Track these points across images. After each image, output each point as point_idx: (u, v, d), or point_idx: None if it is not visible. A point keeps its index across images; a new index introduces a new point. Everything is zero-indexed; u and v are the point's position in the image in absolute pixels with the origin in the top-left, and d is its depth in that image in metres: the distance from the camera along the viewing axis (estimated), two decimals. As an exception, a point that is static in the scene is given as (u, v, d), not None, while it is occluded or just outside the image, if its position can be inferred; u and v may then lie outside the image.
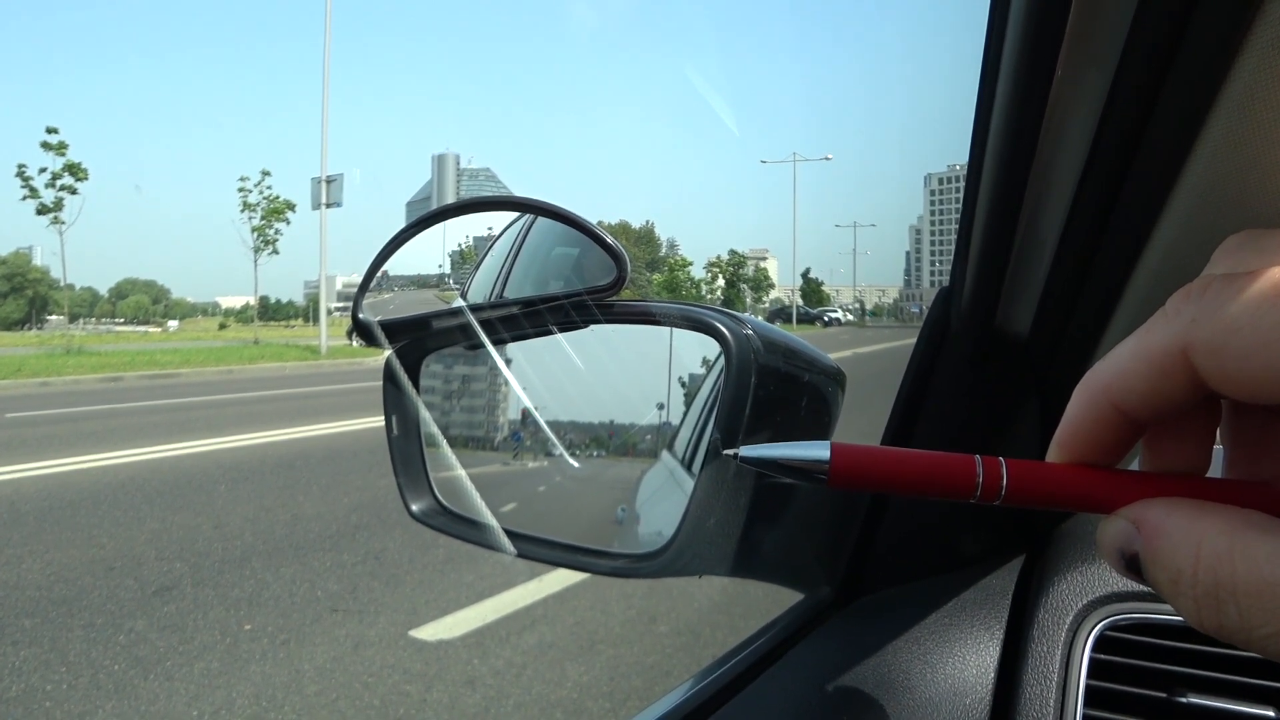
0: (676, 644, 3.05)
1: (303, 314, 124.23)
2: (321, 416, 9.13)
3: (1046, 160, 0.45)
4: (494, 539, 0.66)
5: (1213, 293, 0.23)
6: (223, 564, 3.91)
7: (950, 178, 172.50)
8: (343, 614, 3.29)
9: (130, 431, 8.13)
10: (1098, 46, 0.35)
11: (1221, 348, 0.23)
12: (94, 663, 2.83)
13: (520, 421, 0.73)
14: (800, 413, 0.57)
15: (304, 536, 4.35)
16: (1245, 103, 0.29)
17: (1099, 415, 0.26)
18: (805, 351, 0.59)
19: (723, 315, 0.56)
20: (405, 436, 0.74)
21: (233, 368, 18.31)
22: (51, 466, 6.19)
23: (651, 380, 0.64)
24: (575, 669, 2.84)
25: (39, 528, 4.51)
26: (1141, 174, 0.39)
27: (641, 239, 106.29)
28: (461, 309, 0.70)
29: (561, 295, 0.63)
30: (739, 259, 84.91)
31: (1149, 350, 0.25)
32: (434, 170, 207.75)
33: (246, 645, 3.00)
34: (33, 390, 13.98)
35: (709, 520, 0.53)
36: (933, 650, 0.63)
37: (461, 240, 1.13)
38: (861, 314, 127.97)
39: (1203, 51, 0.30)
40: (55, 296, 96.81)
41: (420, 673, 2.81)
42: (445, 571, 3.80)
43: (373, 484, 5.49)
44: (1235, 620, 0.22)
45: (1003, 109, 0.45)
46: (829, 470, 0.26)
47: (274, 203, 30.72)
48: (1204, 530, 0.23)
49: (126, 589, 3.56)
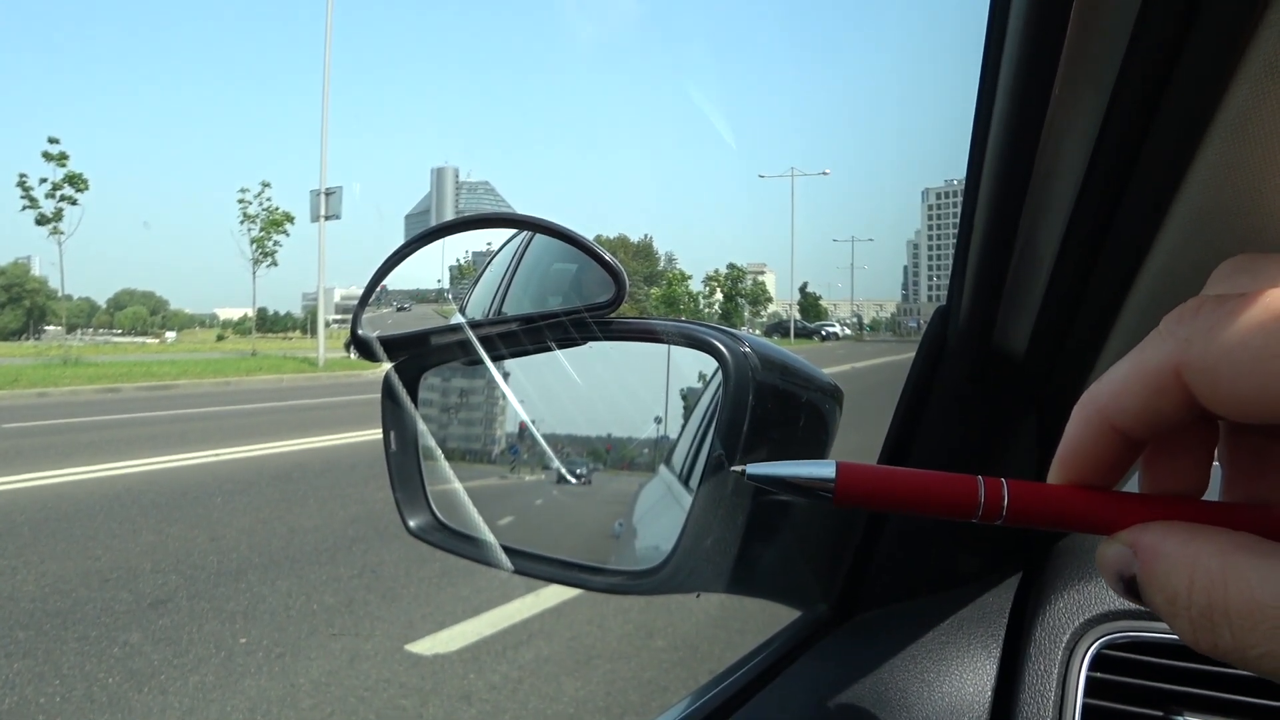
0: (673, 659, 3.04)
1: (301, 326, 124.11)
2: (319, 429, 9.12)
3: (1043, 179, 0.46)
4: (491, 555, 0.66)
5: (1206, 313, 0.24)
6: (218, 576, 3.89)
7: (947, 193, 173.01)
8: (339, 631, 3.28)
9: (127, 443, 8.11)
10: (1094, 66, 0.36)
11: (1214, 368, 0.23)
12: (88, 675, 2.81)
13: (518, 435, 0.73)
14: (798, 430, 0.57)
15: (300, 549, 4.34)
16: (1240, 125, 0.29)
17: (1097, 434, 0.26)
18: (802, 369, 0.59)
19: (721, 333, 0.56)
20: (403, 452, 0.74)
21: (230, 379, 18.30)
22: (48, 477, 6.17)
23: (649, 395, 0.64)
24: (572, 684, 2.83)
25: (34, 539, 4.49)
26: (1138, 194, 0.39)
27: (640, 253, 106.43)
28: (461, 325, 0.70)
29: (561, 312, 0.63)
30: (737, 273, 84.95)
31: (1144, 370, 0.25)
32: (433, 183, 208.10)
33: (242, 659, 2.98)
34: (30, 401, 13.97)
35: (706, 538, 0.53)
36: (930, 669, 0.62)
37: (461, 255, 1.14)
38: (859, 328, 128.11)
39: (1198, 74, 0.31)
40: (53, 307, 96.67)
41: (416, 687, 2.80)
42: (442, 585, 3.78)
43: (370, 497, 5.47)
44: (1229, 641, 0.22)
45: (999, 128, 0.45)
46: (834, 489, 0.26)
47: (273, 214, 30.76)
48: (1198, 553, 0.23)
49: (121, 601, 3.55)
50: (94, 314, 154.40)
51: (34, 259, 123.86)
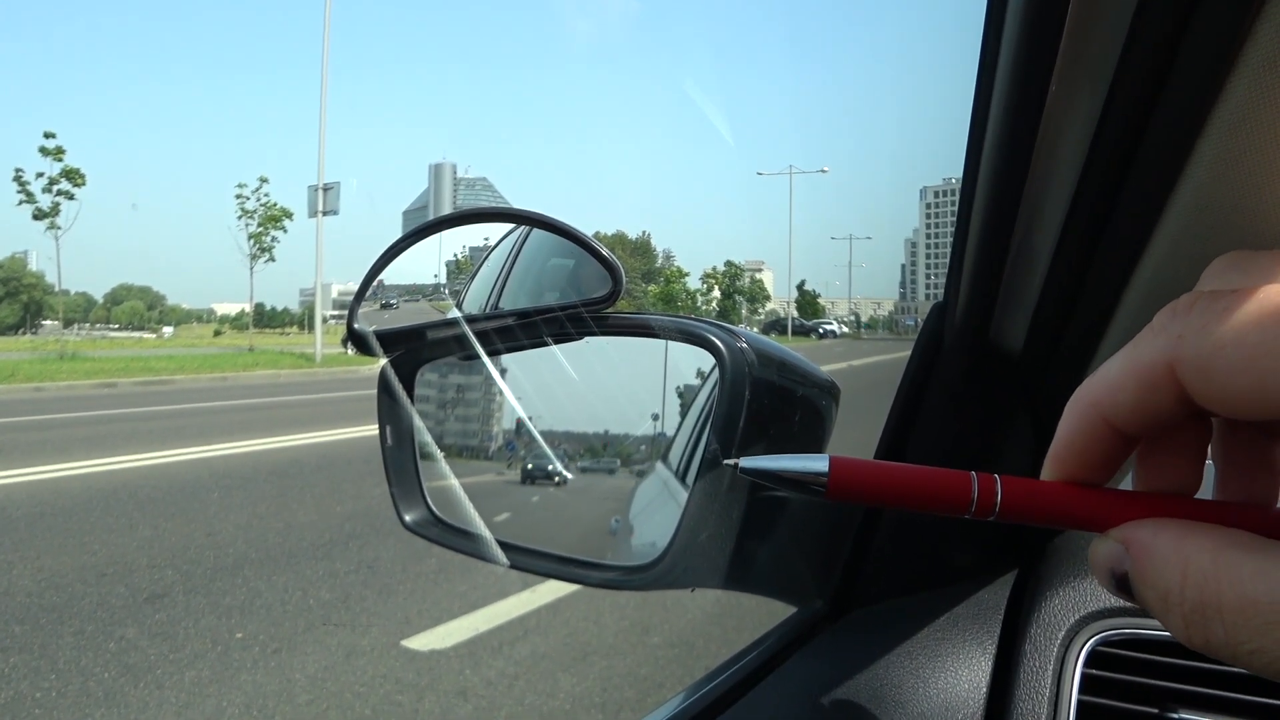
0: (669, 655, 3.04)
1: (298, 321, 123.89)
2: (316, 424, 9.11)
3: (1040, 176, 0.46)
4: (487, 550, 0.66)
5: (1199, 309, 0.24)
6: (215, 571, 3.89)
7: (945, 191, 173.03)
8: (336, 626, 3.28)
9: (123, 438, 8.10)
10: (1091, 65, 0.36)
11: (1207, 364, 0.23)
12: (84, 670, 2.81)
13: (515, 431, 0.73)
14: (794, 426, 0.57)
15: (297, 545, 4.34)
16: (1238, 122, 0.29)
17: (1090, 430, 0.26)
18: (799, 365, 0.59)
19: (717, 328, 0.56)
20: (399, 447, 0.74)
21: (227, 375, 18.26)
22: (44, 472, 6.16)
23: (646, 391, 0.64)
24: (568, 680, 2.83)
25: (30, 533, 4.49)
26: (1135, 190, 0.39)
27: (638, 250, 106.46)
28: (457, 320, 0.70)
29: (557, 307, 0.63)
30: (735, 270, 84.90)
31: (1137, 365, 0.25)
32: (431, 179, 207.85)
33: (238, 654, 2.98)
34: (26, 395, 13.94)
35: (702, 534, 0.53)
36: (925, 665, 0.63)
37: (458, 250, 1.14)
38: (857, 326, 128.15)
39: (1196, 70, 0.31)
40: (50, 301, 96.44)
41: (412, 683, 2.80)
42: (438, 581, 3.78)
43: (366, 492, 5.47)
44: (1222, 637, 0.22)
45: (996, 126, 0.45)
46: (827, 483, 0.26)
47: (271, 210, 30.73)
48: (1190, 550, 0.23)
49: (118, 596, 3.54)
50: (91, 309, 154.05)
51: (31, 253, 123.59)
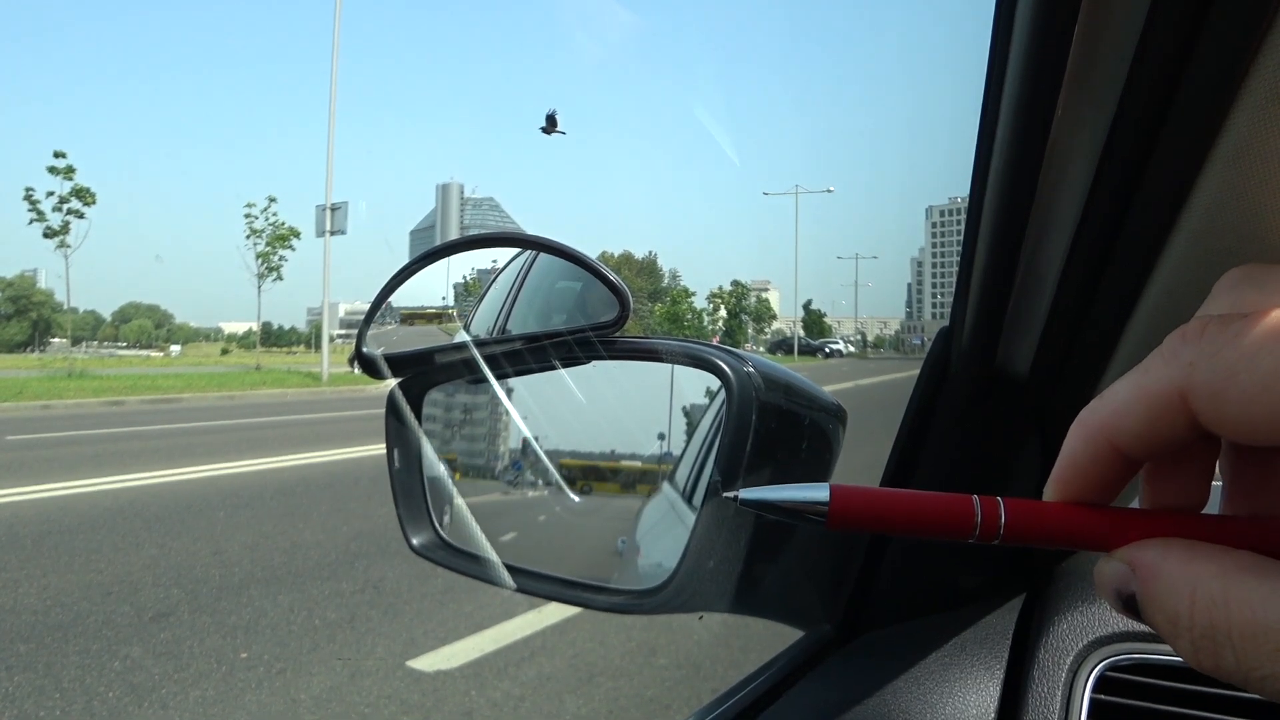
0: (676, 677, 3.02)
1: (305, 340, 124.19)
2: (322, 443, 9.12)
3: (1047, 200, 0.46)
4: (494, 574, 0.66)
5: (1210, 335, 0.23)
6: (220, 591, 3.88)
7: (951, 210, 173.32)
8: (341, 646, 3.27)
9: (130, 456, 8.12)
10: (1097, 89, 0.36)
11: (1220, 392, 0.23)
12: (88, 689, 2.80)
13: (521, 451, 0.73)
14: (801, 450, 0.57)
15: (303, 564, 4.33)
16: (1243, 149, 0.29)
17: (1095, 453, 0.26)
18: (806, 389, 0.59)
19: (725, 353, 0.56)
20: (407, 470, 0.74)
21: (234, 393, 18.31)
22: (51, 490, 6.17)
23: (653, 412, 0.64)
24: (574, 702, 2.81)
25: (36, 551, 4.49)
26: (1140, 216, 0.39)
27: (644, 269, 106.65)
28: (465, 343, 0.70)
29: (565, 331, 0.63)
30: (741, 290, 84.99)
31: (1147, 392, 0.24)
32: (438, 199, 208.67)
33: (243, 673, 2.97)
34: (34, 413, 13.99)
35: (710, 558, 0.53)
36: (933, 690, 0.62)
37: (466, 273, 1.14)
38: (863, 345, 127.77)
39: (1201, 96, 0.31)
40: (59, 319, 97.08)
41: (417, 704, 2.79)
42: (444, 601, 3.77)
43: (373, 512, 5.46)
44: (1232, 662, 0.22)
45: (1003, 148, 0.45)
46: (827, 512, 0.26)
47: (279, 229, 30.87)
48: (1199, 573, 0.23)
49: (123, 615, 3.54)
50: (99, 327, 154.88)
51: (40, 271, 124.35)
